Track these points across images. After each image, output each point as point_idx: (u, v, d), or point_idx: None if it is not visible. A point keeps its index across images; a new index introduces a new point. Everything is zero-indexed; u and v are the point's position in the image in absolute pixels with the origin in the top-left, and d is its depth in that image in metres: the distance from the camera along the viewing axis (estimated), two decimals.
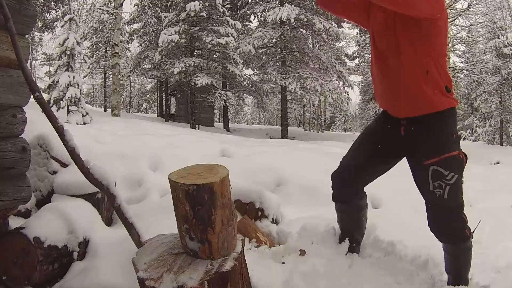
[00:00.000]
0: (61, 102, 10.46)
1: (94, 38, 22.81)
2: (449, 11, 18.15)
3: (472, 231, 1.87)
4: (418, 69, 1.70)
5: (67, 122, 9.36)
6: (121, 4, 14.90)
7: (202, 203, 1.43)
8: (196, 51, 18.49)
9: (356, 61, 26.16)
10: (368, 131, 2.06)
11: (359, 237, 2.22)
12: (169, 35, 16.31)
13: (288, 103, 20.78)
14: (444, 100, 1.75)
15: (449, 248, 1.88)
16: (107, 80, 24.73)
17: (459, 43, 19.36)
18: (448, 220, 1.80)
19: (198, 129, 16.01)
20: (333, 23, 18.47)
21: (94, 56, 23.27)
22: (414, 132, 1.79)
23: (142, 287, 1.35)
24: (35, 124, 2.52)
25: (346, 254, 2.11)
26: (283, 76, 18.20)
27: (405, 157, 1.93)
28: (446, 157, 1.72)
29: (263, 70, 19.57)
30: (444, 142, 1.75)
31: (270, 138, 15.60)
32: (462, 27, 19.37)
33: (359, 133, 2.50)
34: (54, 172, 2.38)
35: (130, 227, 1.84)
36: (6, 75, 1.83)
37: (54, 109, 10.01)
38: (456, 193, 1.75)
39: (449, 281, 1.92)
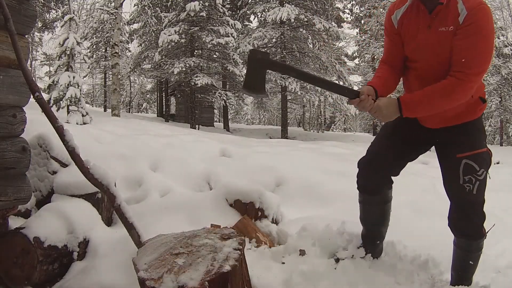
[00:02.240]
0: (61, 102, 10.46)
1: (94, 38, 22.82)
2: None
3: (486, 231, 1.87)
4: None
5: (67, 122, 9.36)
6: (121, 4, 14.90)
7: None
8: (196, 51, 18.49)
9: (356, 61, 26.18)
10: (393, 125, 1.91)
11: (384, 232, 2.11)
12: (169, 35, 16.32)
13: (288, 103, 20.78)
14: (478, 110, 1.79)
15: (463, 243, 1.87)
16: (107, 80, 24.74)
17: None
18: (472, 215, 1.80)
19: (198, 129, 16.00)
20: (333, 23, 18.51)
21: (94, 56, 23.28)
22: (447, 129, 1.81)
23: (142, 287, 1.35)
24: (35, 124, 2.52)
25: (364, 257, 2.03)
26: (283, 76, 18.19)
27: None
28: (478, 152, 1.74)
29: None
30: (476, 138, 1.78)
31: (270, 138, 15.60)
32: None
33: (360, 133, 2.48)
34: (54, 172, 2.38)
35: (130, 227, 1.84)
36: (6, 75, 1.83)
37: (54, 109, 10.01)
38: (483, 189, 1.77)
39: (452, 279, 1.92)
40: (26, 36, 1.98)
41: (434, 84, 1.63)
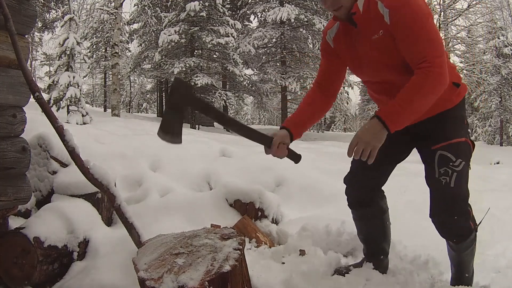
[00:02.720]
0: (61, 102, 10.47)
1: (94, 38, 22.84)
2: (449, 11, 18.15)
3: (478, 223, 1.78)
4: None
5: (67, 122, 9.36)
6: (121, 4, 14.90)
7: None
8: (196, 51, 18.49)
9: None
10: None
11: (386, 246, 1.98)
12: (169, 35, 16.32)
13: (288, 103, 20.77)
14: (454, 97, 1.67)
15: (452, 245, 1.78)
16: (107, 80, 24.76)
17: (459, 43, 19.35)
18: (453, 212, 1.66)
19: (198, 129, 16.01)
20: None
21: (94, 56, 23.30)
22: (425, 122, 1.69)
23: (142, 287, 1.35)
24: (35, 124, 2.52)
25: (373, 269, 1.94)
26: (283, 76, 18.20)
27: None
28: (454, 142, 1.63)
29: (263, 70, 19.58)
30: (452, 127, 1.67)
31: None
32: (462, 27, 19.37)
33: None
34: (54, 172, 2.38)
35: (130, 227, 1.84)
36: (6, 75, 1.83)
37: (54, 109, 10.02)
38: (463, 181, 1.64)
39: (452, 272, 1.87)
40: (26, 36, 1.98)
41: (404, 87, 1.48)
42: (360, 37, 1.59)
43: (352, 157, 1.53)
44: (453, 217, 1.67)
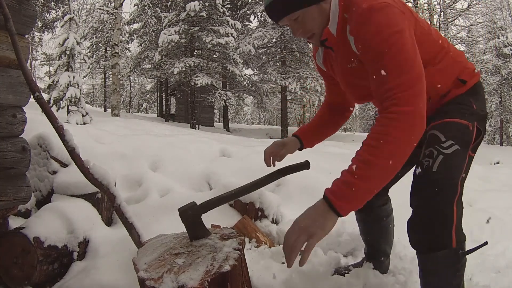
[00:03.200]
0: (61, 102, 10.49)
1: (94, 38, 22.86)
2: (449, 11, 18.15)
3: (467, 250, 1.30)
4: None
5: (67, 122, 9.37)
6: (121, 4, 14.91)
7: None
8: (196, 51, 18.51)
9: None
10: None
11: (388, 248, 1.91)
12: (169, 35, 16.33)
13: (288, 103, 20.80)
14: (458, 90, 1.42)
15: (419, 258, 1.32)
16: (107, 80, 24.77)
17: (459, 43, 19.36)
18: (427, 207, 1.24)
19: (198, 129, 16.01)
20: None
21: (94, 56, 23.33)
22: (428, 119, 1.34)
23: (142, 287, 1.35)
24: (35, 124, 2.52)
25: (373, 269, 1.90)
26: (283, 76, 18.20)
27: None
28: (448, 121, 1.33)
29: (263, 70, 19.59)
30: (455, 108, 1.37)
31: (270, 138, 15.60)
32: (462, 27, 19.37)
33: (360, 133, 2.44)
34: (54, 172, 2.38)
35: (130, 227, 1.84)
36: (6, 75, 1.83)
37: (54, 109, 10.03)
38: (449, 168, 1.26)
39: None
40: (26, 36, 1.98)
41: (363, 142, 1.12)
42: (338, 63, 1.45)
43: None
44: (426, 215, 1.24)
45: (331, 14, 1.32)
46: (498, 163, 10.48)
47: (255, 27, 20.32)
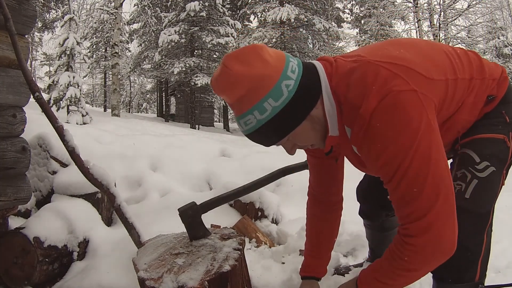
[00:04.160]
0: (61, 102, 10.49)
1: (94, 38, 22.85)
2: (449, 11, 18.15)
3: (489, 285, 1.24)
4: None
5: (67, 122, 9.36)
6: (121, 4, 14.91)
7: None
8: (196, 51, 18.51)
9: None
10: None
11: None
12: (169, 35, 16.34)
13: None
14: (492, 104, 1.24)
15: (437, 285, 1.29)
16: (107, 80, 24.77)
17: (459, 43, 19.35)
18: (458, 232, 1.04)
19: (198, 129, 16.02)
20: (333, 23, 18.52)
21: (94, 56, 23.31)
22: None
23: (142, 287, 1.35)
24: (35, 124, 2.52)
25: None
26: None
27: None
28: (481, 137, 1.18)
29: None
30: (487, 123, 1.21)
31: None
32: (462, 27, 19.36)
33: None
34: (54, 172, 2.38)
35: (130, 227, 1.84)
36: (6, 75, 1.83)
37: (54, 109, 10.03)
38: (484, 195, 1.18)
39: None
40: (26, 36, 1.98)
41: (384, 253, 1.10)
42: (345, 147, 1.21)
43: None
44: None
45: (328, 119, 1.08)
46: None
47: (255, 27, 20.32)
